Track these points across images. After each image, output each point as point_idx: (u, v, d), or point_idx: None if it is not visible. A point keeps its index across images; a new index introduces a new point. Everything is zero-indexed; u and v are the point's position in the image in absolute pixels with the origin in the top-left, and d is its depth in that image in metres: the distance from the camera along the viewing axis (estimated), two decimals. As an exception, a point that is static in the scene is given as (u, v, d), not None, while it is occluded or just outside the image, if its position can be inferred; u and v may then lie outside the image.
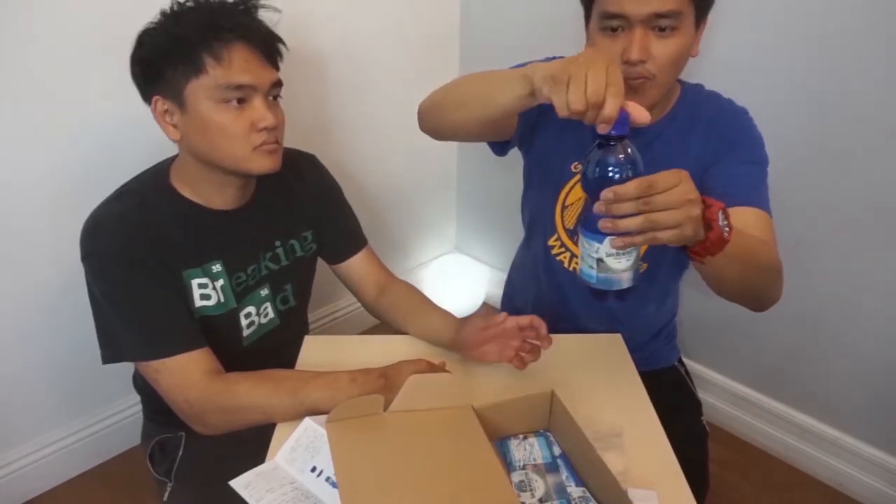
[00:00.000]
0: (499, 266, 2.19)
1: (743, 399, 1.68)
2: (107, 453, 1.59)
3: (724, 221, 0.69)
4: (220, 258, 0.96)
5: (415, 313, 1.07)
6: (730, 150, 0.95)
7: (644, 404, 0.91)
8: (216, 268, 0.96)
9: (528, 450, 0.78)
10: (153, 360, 0.87)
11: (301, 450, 0.78)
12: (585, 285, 0.73)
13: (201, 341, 0.90)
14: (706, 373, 1.73)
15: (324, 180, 1.13)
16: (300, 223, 1.08)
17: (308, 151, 1.13)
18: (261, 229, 1.02)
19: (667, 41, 0.86)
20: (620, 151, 0.66)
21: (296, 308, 1.11)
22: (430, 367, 0.88)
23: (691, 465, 0.81)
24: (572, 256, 1.09)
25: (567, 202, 1.07)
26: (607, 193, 0.63)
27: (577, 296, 1.12)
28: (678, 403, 1.13)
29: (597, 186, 0.65)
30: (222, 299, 0.96)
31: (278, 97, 0.93)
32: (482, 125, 0.90)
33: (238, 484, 0.74)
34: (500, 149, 1.08)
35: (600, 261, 0.69)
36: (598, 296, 0.73)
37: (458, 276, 2.16)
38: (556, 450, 0.78)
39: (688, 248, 0.72)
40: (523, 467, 0.76)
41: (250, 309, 1.01)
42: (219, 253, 0.96)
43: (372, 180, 1.91)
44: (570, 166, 1.04)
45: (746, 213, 0.88)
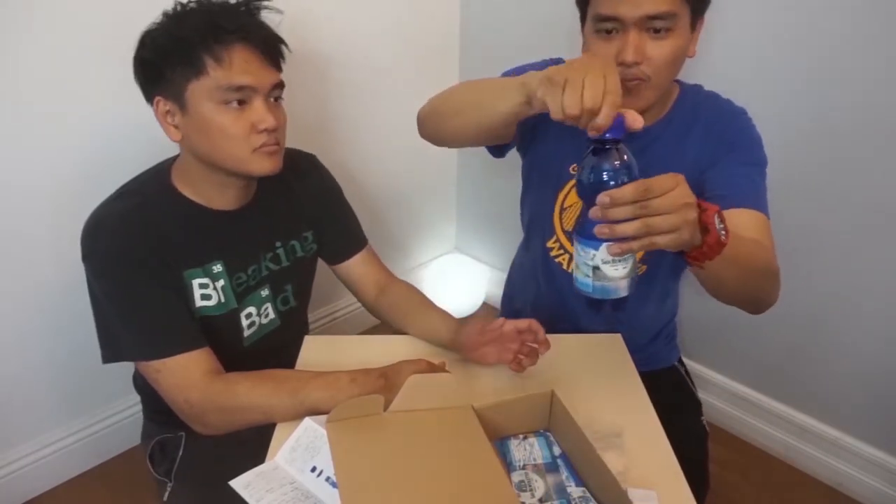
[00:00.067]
0: (499, 266, 2.19)
1: (743, 399, 1.68)
2: (107, 453, 1.59)
3: (721, 225, 0.69)
4: (221, 258, 0.96)
5: (414, 314, 1.07)
6: (728, 151, 0.94)
7: (644, 404, 0.91)
8: (217, 268, 0.96)
9: (528, 450, 0.78)
10: (153, 360, 0.87)
11: (301, 450, 0.78)
12: (581, 295, 0.72)
13: (201, 341, 0.90)
14: (706, 373, 1.73)
15: (324, 180, 1.13)
16: (301, 223, 1.08)
17: (308, 151, 1.14)
18: (261, 230, 1.02)
19: (661, 42, 0.85)
20: (616, 156, 0.65)
21: (296, 308, 1.11)
22: (430, 367, 0.88)
23: (691, 465, 0.81)
24: (571, 258, 1.09)
25: (566, 204, 1.07)
26: (603, 198, 0.62)
27: (576, 297, 1.11)
28: (678, 403, 1.13)
29: (592, 191, 0.65)
30: (223, 299, 0.96)
31: (280, 98, 0.93)
32: (481, 132, 0.89)
33: (238, 484, 0.74)
34: (499, 152, 1.08)
35: (596, 269, 0.68)
36: (595, 305, 0.73)
37: (458, 276, 2.16)
38: (556, 450, 0.78)
39: (685, 253, 0.71)
40: (523, 467, 0.76)
41: (251, 309, 1.02)
42: (219, 253, 0.96)
43: (372, 180, 1.91)
44: (569, 168, 1.04)
45: (744, 215, 0.88)
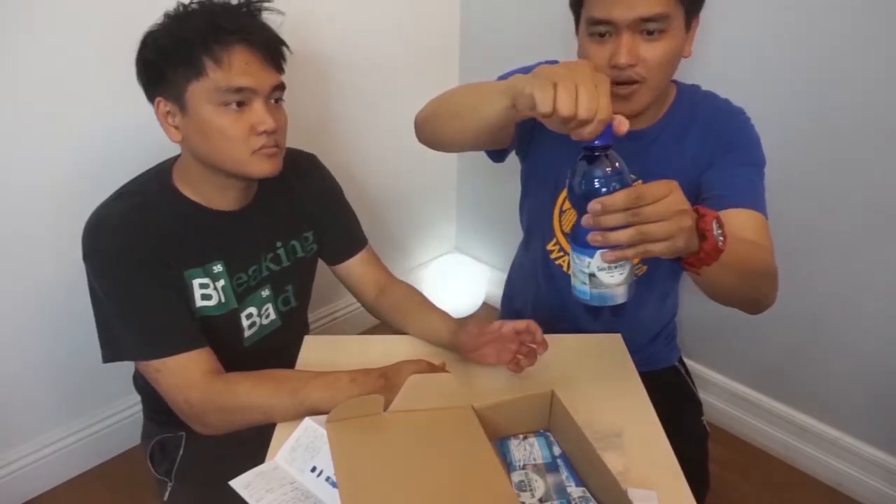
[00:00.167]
0: (499, 266, 2.19)
1: (743, 399, 1.68)
2: (107, 453, 1.59)
3: (719, 230, 0.68)
4: (222, 258, 0.96)
5: (414, 314, 1.07)
6: (726, 151, 0.94)
7: (644, 404, 0.91)
8: (217, 268, 0.96)
9: (528, 450, 0.78)
10: (153, 360, 0.87)
11: (301, 450, 0.78)
12: (579, 302, 0.72)
13: (202, 341, 0.90)
14: (706, 373, 1.73)
15: (325, 180, 1.13)
16: (301, 224, 1.08)
17: (309, 151, 1.13)
18: (262, 230, 1.02)
19: (655, 44, 0.85)
20: (606, 163, 0.65)
21: (297, 308, 1.11)
22: (431, 368, 0.88)
23: (691, 465, 0.81)
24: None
25: (565, 207, 1.06)
26: (595, 205, 0.62)
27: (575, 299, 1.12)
28: (678, 403, 1.13)
29: (583, 199, 0.64)
30: (223, 300, 0.96)
31: (280, 100, 0.92)
32: (478, 136, 0.88)
33: (238, 484, 0.74)
34: (498, 156, 1.07)
35: (592, 276, 0.68)
36: (593, 312, 0.72)
37: (458, 276, 2.16)
38: (556, 450, 0.78)
39: (682, 259, 0.70)
40: (523, 467, 0.76)
41: (251, 310, 1.02)
42: (220, 253, 0.96)
43: (372, 180, 1.91)
44: (568, 171, 1.04)
45: (742, 216, 0.88)
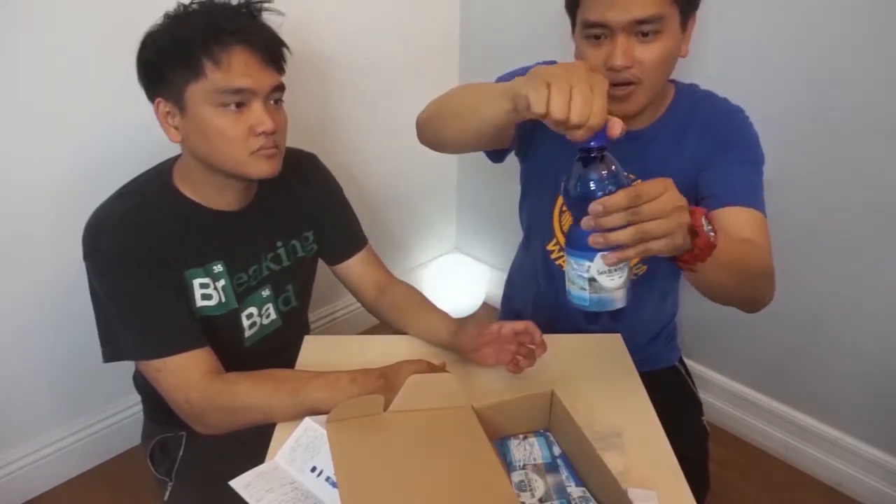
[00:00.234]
0: (499, 266, 2.19)
1: (743, 399, 1.68)
2: (107, 453, 1.59)
3: (709, 226, 0.68)
4: (222, 258, 0.96)
5: (414, 314, 1.07)
6: (725, 150, 0.94)
7: (644, 404, 0.91)
8: (217, 268, 0.96)
9: (528, 450, 0.78)
10: (153, 360, 0.87)
11: (301, 450, 0.78)
12: (577, 309, 0.71)
13: (202, 341, 0.90)
14: (706, 373, 1.73)
15: (325, 180, 1.13)
16: (301, 223, 1.08)
17: (309, 151, 1.13)
18: (262, 230, 1.02)
19: (650, 45, 0.86)
20: (602, 165, 0.65)
21: (297, 308, 1.11)
22: (431, 368, 0.88)
23: (691, 465, 0.81)
24: None
25: (564, 207, 1.06)
26: (596, 206, 0.62)
27: None
28: (678, 403, 1.13)
29: (579, 201, 0.64)
30: (223, 299, 0.96)
31: (280, 101, 0.92)
32: (479, 136, 0.88)
33: (238, 484, 0.74)
34: (498, 156, 1.07)
35: (592, 280, 0.67)
36: (592, 319, 0.71)
37: (458, 276, 2.16)
38: (556, 450, 0.78)
39: (677, 258, 0.70)
40: (523, 467, 0.76)
41: (252, 309, 1.02)
42: (220, 253, 0.96)
43: (372, 180, 1.91)
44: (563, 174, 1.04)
45: (740, 214, 0.88)
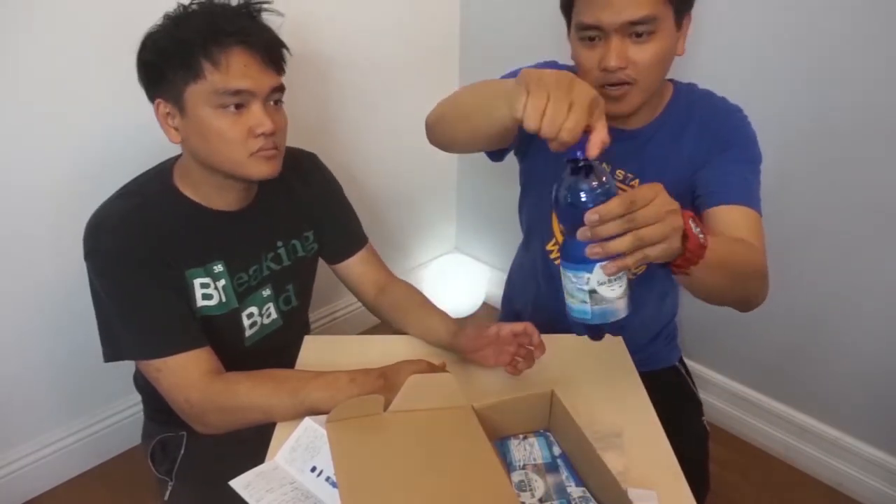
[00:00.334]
0: (499, 266, 2.19)
1: (743, 399, 1.68)
2: (107, 453, 1.59)
3: (698, 228, 0.68)
4: (222, 258, 0.96)
5: (414, 314, 1.07)
6: (722, 149, 0.94)
7: (644, 404, 0.91)
8: (218, 268, 0.96)
9: (528, 450, 0.78)
10: (154, 360, 0.87)
11: (301, 450, 0.78)
12: (579, 324, 0.69)
13: (202, 341, 0.90)
14: (706, 373, 1.73)
15: (325, 180, 1.12)
16: (302, 223, 1.08)
17: (309, 151, 1.13)
18: (263, 230, 1.02)
19: (644, 46, 0.86)
20: (591, 175, 0.63)
21: (298, 308, 1.11)
22: (430, 368, 0.88)
23: (691, 465, 0.81)
24: None
25: None
26: (591, 216, 0.61)
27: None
28: (678, 403, 1.13)
29: (571, 213, 0.63)
30: (224, 299, 0.96)
31: (280, 102, 0.92)
32: (488, 137, 0.87)
33: (238, 484, 0.74)
34: (498, 156, 1.07)
35: (593, 292, 0.66)
36: (593, 333, 0.70)
37: (458, 276, 2.16)
38: (556, 450, 0.78)
39: (671, 264, 0.69)
40: (523, 467, 0.76)
41: (252, 309, 1.02)
42: (220, 253, 0.96)
43: (373, 180, 1.91)
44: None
45: (735, 213, 0.88)
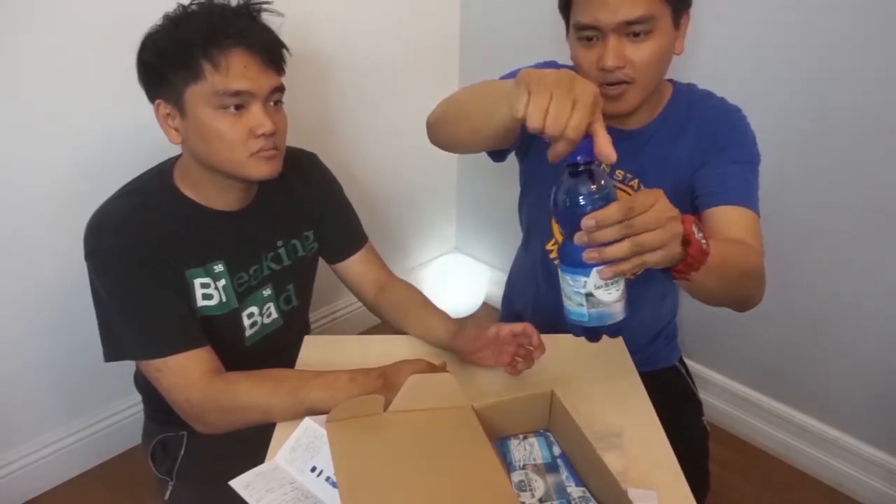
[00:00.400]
0: (499, 266, 2.19)
1: (743, 399, 1.68)
2: (107, 453, 1.59)
3: (700, 233, 0.67)
4: (222, 258, 0.96)
5: (414, 314, 1.07)
6: (721, 149, 0.94)
7: (644, 404, 0.91)
8: (218, 268, 0.96)
9: (528, 450, 0.78)
10: (154, 359, 0.87)
11: (301, 450, 0.78)
12: (576, 327, 0.69)
13: (202, 340, 0.90)
14: (706, 373, 1.73)
15: (325, 179, 1.12)
16: (302, 223, 1.08)
17: (309, 150, 1.13)
18: (263, 230, 1.02)
19: (642, 45, 0.86)
20: (590, 179, 0.63)
21: (298, 308, 1.11)
22: (430, 368, 0.88)
23: (691, 465, 0.81)
24: None
25: None
26: (588, 221, 0.60)
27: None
28: (678, 403, 1.12)
29: (569, 215, 0.63)
30: (224, 299, 0.96)
31: (280, 102, 0.92)
32: (488, 137, 0.86)
33: (238, 484, 0.74)
34: (499, 156, 1.07)
35: (589, 296, 0.66)
36: (591, 336, 0.70)
37: (458, 276, 2.16)
38: (556, 450, 0.78)
39: (671, 269, 0.69)
40: (523, 467, 0.76)
41: (253, 309, 1.02)
42: (220, 253, 0.96)
43: (372, 180, 1.91)
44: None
45: (733, 213, 0.88)
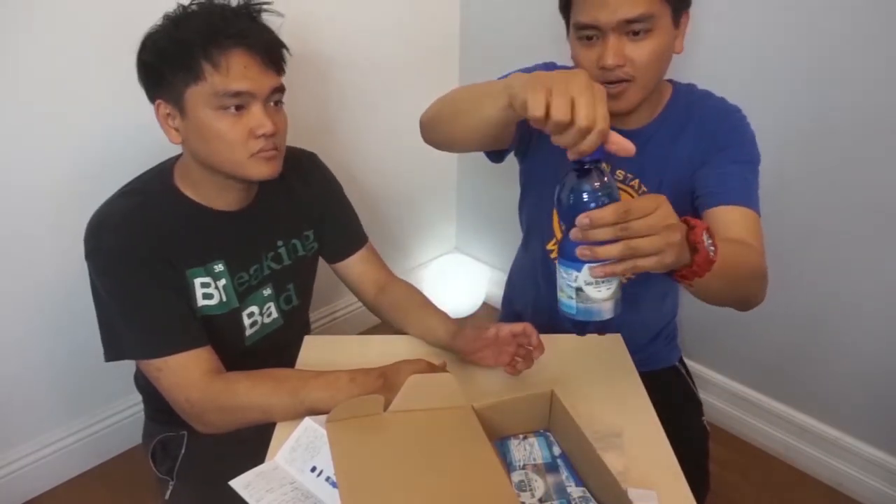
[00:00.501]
0: (499, 266, 2.19)
1: (743, 399, 1.68)
2: (107, 453, 1.59)
3: (710, 241, 0.67)
4: (223, 258, 0.96)
5: (414, 314, 1.07)
6: (721, 149, 0.94)
7: (644, 404, 0.91)
8: (218, 267, 0.96)
9: (528, 450, 0.78)
10: (154, 359, 0.87)
11: (301, 450, 0.78)
12: (566, 317, 0.70)
13: (202, 340, 0.90)
14: (706, 373, 1.73)
15: (325, 179, 1.13)
16: (302, 222, 1.08)
17: (309, 150, 1.13)
18: (263, 230, 1.02)
19: (642, 44, 0.86)
20: (596, 177, 0.64)
21: (299, 307, 1.11)
22: (430, 367, 0.88)
23: (691, 465, 0.81)
24: None
25: None
26: (583, 219, 0.61)
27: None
28: (678, 403, 1.13)
29: (571, 212, 0.63)
30: (224, 299, 0.96)
31: (280, 103, 0.92)
32: (480, 136, 0.87)
33: (238, 484, 0.74)
34: (497, 156, 1.07)
35: (579, 290, 0.67)
36: (579, 327, 0.71)
37: (458, 276, 2.16)
38: (556, 450, 0.78)
39: (675, 272, 0.69)
40: (523, 467, 0.76)
41: (253, 309, 1.02)
42: (221, 253, 0.96)
43: (372, 180, 1.91)
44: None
45: (734, 213, 0.88)
